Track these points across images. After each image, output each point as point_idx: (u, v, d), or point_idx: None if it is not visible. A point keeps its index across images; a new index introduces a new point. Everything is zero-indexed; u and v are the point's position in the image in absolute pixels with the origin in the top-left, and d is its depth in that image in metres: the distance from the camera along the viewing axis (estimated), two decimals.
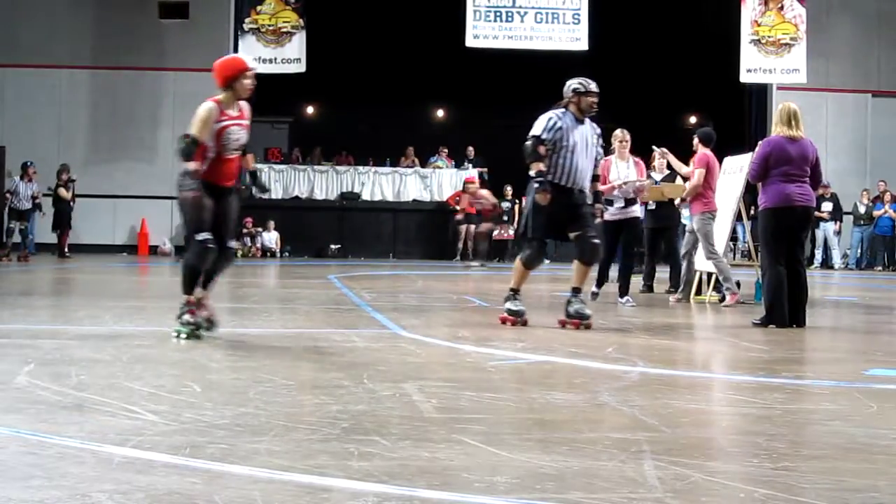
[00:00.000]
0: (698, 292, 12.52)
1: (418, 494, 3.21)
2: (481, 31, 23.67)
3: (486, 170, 26.13)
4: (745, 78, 24.63)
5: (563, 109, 8.87)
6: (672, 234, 13.81)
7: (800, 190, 9.00)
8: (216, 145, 7.28)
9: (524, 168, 9.09)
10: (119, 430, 4.04)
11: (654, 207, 13.50)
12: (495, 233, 24.86)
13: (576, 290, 8.93)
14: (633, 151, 12.89)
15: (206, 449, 3.74)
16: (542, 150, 8.76)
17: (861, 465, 3.73)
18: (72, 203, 22.18)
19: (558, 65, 25.46)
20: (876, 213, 24.08)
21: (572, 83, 8.93)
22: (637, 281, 13.39)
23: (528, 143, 8.84)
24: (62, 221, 22.06)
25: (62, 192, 22.08)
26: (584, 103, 8.86)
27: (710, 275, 12.44)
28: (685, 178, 12.68)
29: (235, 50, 23.95)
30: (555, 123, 8.77)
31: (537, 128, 8.82)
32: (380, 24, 27.05)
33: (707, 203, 11.95)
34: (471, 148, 26.36)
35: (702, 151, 12.19)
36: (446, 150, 26.76)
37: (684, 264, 12.47)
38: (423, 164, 26.66)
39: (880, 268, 24.08)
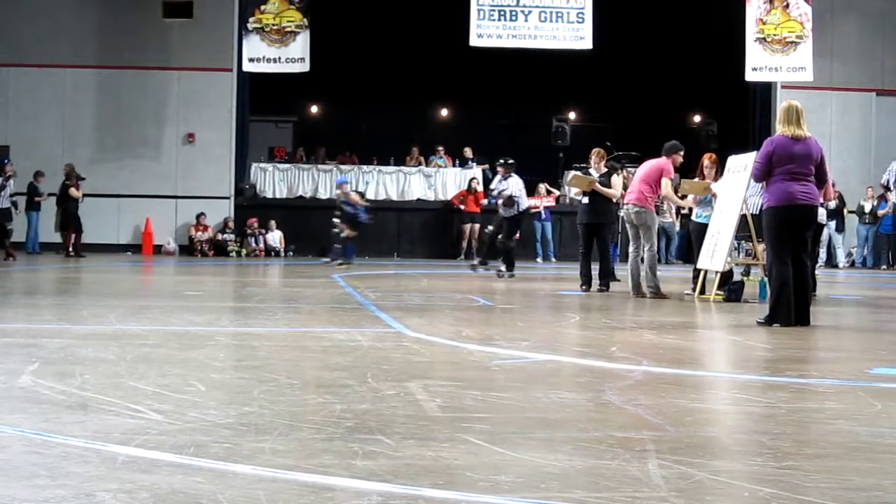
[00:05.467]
0: (702, 291, 12.51)
1: (422, 493, 3.21)
2: (485, 30, 23.66)
3: (487, 166, 26.14)
4: (750, 77, 24.60)
5: None
6: (604, 231, 13.77)
7: (803, 189, 8.98)
8: None
9: (527, 167, 9.26)
10: (123, 429, 4.05)
11: (588, 203, 13.56)
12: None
13: None
14: (644, 151, 13.56)
15: (210, 448, 3.75)
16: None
17: (865, 464, 3.72)
18: (80, 201, 22.14)
19: (562, 64, 25.53)
20: (880, 212, 24.04)
21: None
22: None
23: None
24: (71, 221, 22.05)
25: (73, 191, 22.08)
26: None
27: (706, 272, 12.43)
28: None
29: (240, 49, 24.00)
30: None
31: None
32: (384, 24, 27.06)
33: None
34: (468, 149, 26.37)
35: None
36: (442, 149, 26.77)
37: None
38: (428, 164, 26.68)
39: (884, 266, 24.05)
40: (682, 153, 12.91)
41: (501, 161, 16.99)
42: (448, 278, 14.12)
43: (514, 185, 16.49)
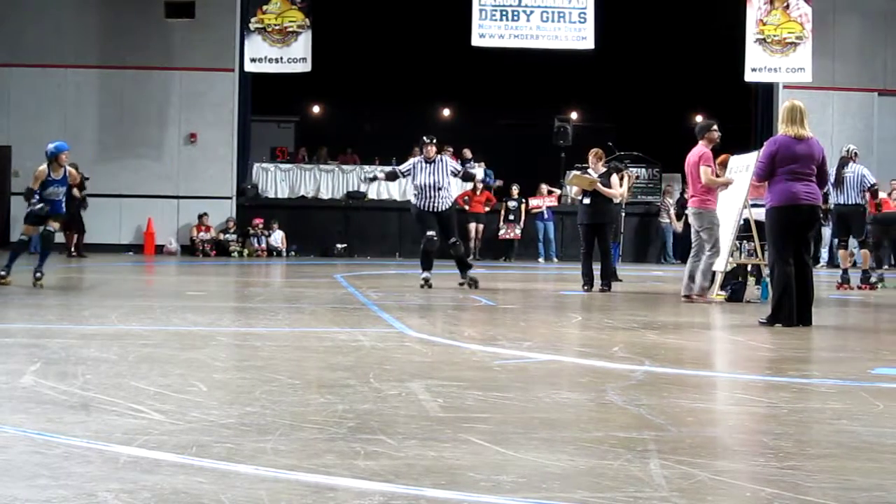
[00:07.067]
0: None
1: (424, 494, 3.21)
2: (487, 30, 23.66)
3: (482, 164, 26.12)
4: (749, 77, 24.59)
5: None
6: (606, 231, 13.63)
7: (806, 189, 8.99)
8: None
9: (530, 167, 9.25)
10: (125, 429, 4.05)
11: (588, 203, 13.41)
12: (501, 232, 24.82)
13: None
14: (646, 151, 13.15)
15: (212, 448, 3.75)
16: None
17: (867, 464, 3.72)
18: (84, 201, 22.11)
19: (564, 64, 25.54)
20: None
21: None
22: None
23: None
24: (74, 221, 22.02)
25: (76, 192, 22.06)
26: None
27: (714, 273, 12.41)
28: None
29: (241, 49, 24.01)
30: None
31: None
32: (386, 24, 27.06)
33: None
34: (466, 150, 26.37)
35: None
36: (451, 149, 26.77)
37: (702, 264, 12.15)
38: None
39: (886, 266, 24.01)
40: (715, 128, 12.15)
41: (426, 139, 13.65)
42: (450, 278, 14.10)
43: (444, 169, 13.57)
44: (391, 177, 14.45)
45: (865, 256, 15.46)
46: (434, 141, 13.67)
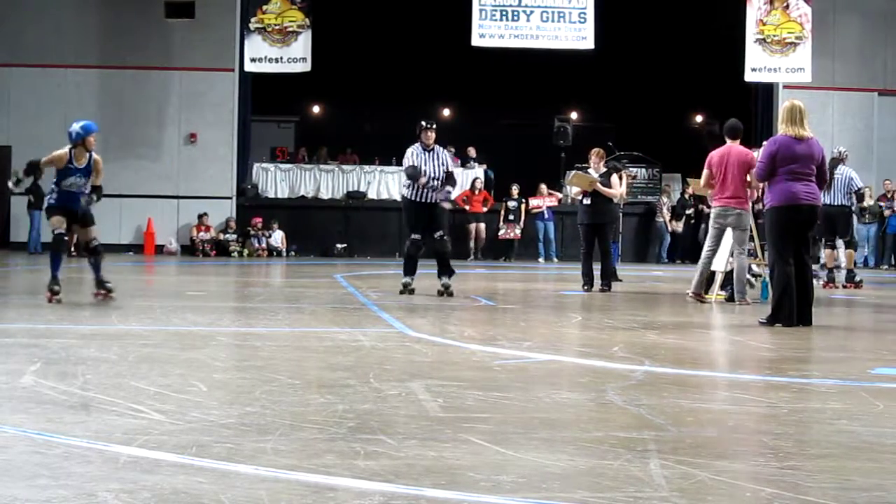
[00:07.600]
0: (705, 291, 12.48)
1: (424, 494, 3.21)
2: (487, 30, 23.65)
3: (484, 165, 26.09)
4: (749, 77, 24.59)
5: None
6: (606, 231, 13.58)
7: (806, 189, 8.99)
8: None
9: (530, 167, 9.23)
10: (125, 429, 4.05)
11: (589, 203, 13.38)
12: (501, 232, 24.81)
13: None
14: (646, 151, 13.02)
15: (212, 448, 3.75)
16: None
17: (867, 464, 3.72)
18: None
19: (564, 64, 25.54)
20: (887, 212, 23.96)
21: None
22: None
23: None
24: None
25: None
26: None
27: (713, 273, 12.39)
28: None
29: (241, 49, 24.00)
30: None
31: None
32: (386, 24, 27.05)
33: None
34: (471, 148, 26.33)
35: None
36: (453, 150, 26.75)
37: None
38: None
39: (885, 266, 24.02)
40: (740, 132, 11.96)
41: (425, 123, 12.89)
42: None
43: (442, 159, 12.87)
44: (415, 177, 12.86)
45: (850, 256, 15.67)
46: (433, 126, 12.75)
